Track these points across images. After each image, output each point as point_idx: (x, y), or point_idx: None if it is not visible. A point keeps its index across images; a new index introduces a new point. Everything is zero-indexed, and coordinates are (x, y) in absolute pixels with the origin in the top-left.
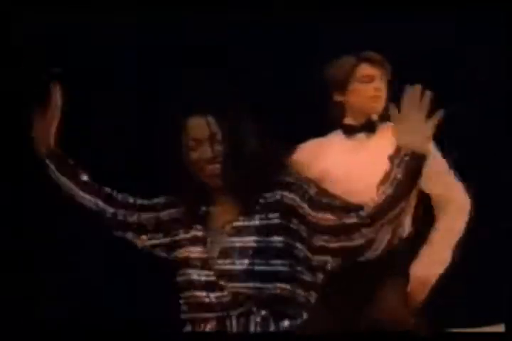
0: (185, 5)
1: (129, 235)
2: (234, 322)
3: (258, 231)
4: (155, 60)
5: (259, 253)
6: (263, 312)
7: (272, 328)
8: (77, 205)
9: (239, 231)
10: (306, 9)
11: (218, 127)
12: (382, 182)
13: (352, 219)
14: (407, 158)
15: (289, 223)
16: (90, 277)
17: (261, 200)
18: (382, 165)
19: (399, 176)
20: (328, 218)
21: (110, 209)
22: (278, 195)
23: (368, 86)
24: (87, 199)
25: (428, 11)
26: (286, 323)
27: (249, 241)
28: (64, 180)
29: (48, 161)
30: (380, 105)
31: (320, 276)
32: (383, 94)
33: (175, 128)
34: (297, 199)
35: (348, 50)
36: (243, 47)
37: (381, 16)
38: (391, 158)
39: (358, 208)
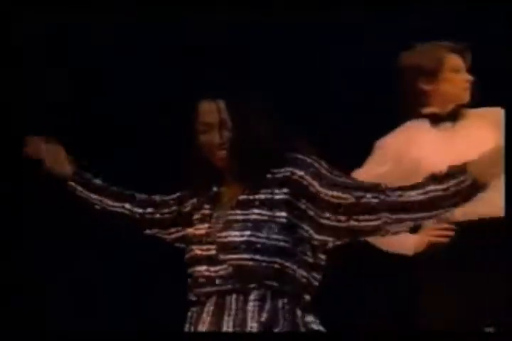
0: (186, 5)
1: (157, 232)
2: (233, 298)
3: (261, 204)
4: (157, 58)
5: (260, 226)
6: (261, 289)
7: (268, 305)
8: (109, 214)
9: (242, 204)
10: (306, 9)
11: (228, 113)
12: (433, 180)
13: (372, 200)
14: (464, 184)
15: (298, 201)
16: (92, 276)
17: (268, 175)
18: (473, 154)
19: (449, 193)
20: (341, 196)
21: (139, 210)
22: (288, 171)
23: (458, 76)
24: (117, 206)
25: (428, 11)
26: (285, 301)
27: (252, 213)
28: (93, 196)
29: (72, 184)
30: (468, 95)
31: (322, 257)
32: (471, 84)
33: (186, 111)
34: (307, 177)
35: (347, 51)
36: (249, 47)
37: (381, 16)
38: (452, 170)
39: (375, 187)
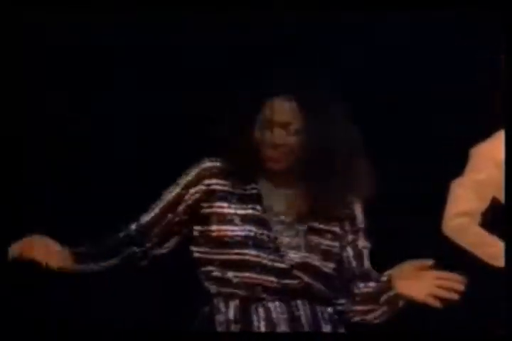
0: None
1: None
2: (300, 303)
3: (335, 238)
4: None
5: (335, 261)
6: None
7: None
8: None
9: (320, 233)
10: (306, 9)
11: (299, 118)
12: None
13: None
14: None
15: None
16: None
17: (331, 208)
18: None
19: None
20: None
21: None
22: (345, 213)
23: None
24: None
25: (428, 11)
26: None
27: (330, 245)
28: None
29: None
30: None
31: None
32: None
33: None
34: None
35: (347, 51)
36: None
37: (381, 16)
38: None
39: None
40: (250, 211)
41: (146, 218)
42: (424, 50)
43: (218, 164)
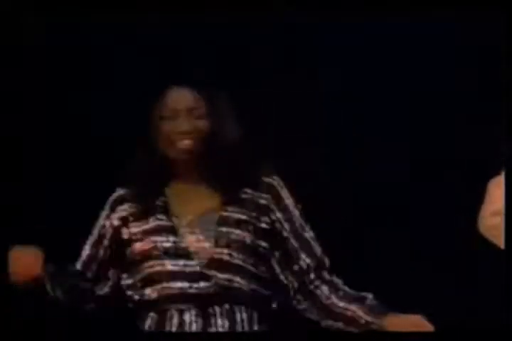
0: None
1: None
2: (218, 311)
3: (248, 228)
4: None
5: (249, 251)
6: (248, 311)
7: (257, 327)
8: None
9: (229, 223)
10: (306, 9)
11: (201, 102)
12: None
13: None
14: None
15: (275, 236)
16: None
17: (245, 196)
18: None
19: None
20: (300, 257)
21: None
22: (265, 198)
23: None
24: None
25: (428, 11)
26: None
27: (242, 235)
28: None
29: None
30: None
31: (295, 284)
32: None
33: (151, 98)
34: (280, 217)
35: (347, 50)
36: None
37: (381, 16)
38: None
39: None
40: (156, 222)
41: (81, 258)
42: (424, 50)
43: (128, 190)
